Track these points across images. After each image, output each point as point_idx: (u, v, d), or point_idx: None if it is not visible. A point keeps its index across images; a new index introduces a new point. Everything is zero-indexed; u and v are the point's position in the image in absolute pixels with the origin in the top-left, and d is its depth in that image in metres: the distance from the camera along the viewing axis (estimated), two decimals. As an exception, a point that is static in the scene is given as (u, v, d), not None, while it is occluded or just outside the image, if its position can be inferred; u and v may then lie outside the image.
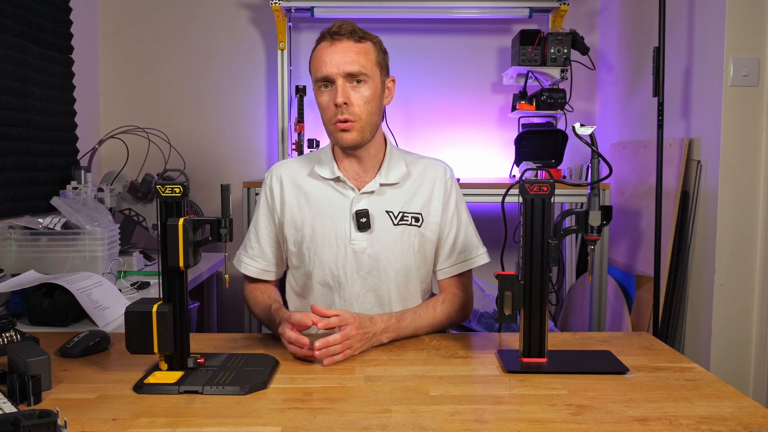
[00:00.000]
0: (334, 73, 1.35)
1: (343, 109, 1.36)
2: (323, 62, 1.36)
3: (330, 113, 1.38)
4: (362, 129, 1.38)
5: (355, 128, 1.38)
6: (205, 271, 2.28)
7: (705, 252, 2.11)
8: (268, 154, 3.00)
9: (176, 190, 1.07)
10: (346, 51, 1.36)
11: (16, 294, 1.62)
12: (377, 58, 1.41)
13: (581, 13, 2.99)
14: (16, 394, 0.98)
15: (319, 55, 1.38)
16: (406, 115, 2.97)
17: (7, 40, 2.14)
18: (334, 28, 1.37)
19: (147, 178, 2.33)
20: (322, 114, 1.41)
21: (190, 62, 2.97)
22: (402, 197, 1.45)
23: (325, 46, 1.37)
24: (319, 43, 1.40)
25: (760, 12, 2.00)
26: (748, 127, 2.02)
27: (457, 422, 0.93)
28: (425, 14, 2.84)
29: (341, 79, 1.35)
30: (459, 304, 1.46)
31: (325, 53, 1.37)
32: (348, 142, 1.39)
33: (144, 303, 1.09)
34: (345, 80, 1.36)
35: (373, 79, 1.39)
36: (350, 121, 1.37)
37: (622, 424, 0.93)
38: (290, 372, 1.14)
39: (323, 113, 1.40)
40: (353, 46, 1.37)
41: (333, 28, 1.37)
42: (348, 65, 1.35)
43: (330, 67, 1.35)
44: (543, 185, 1.15)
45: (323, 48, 1.38)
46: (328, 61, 1.36)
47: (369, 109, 1.38)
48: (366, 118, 1.38)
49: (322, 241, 1.42)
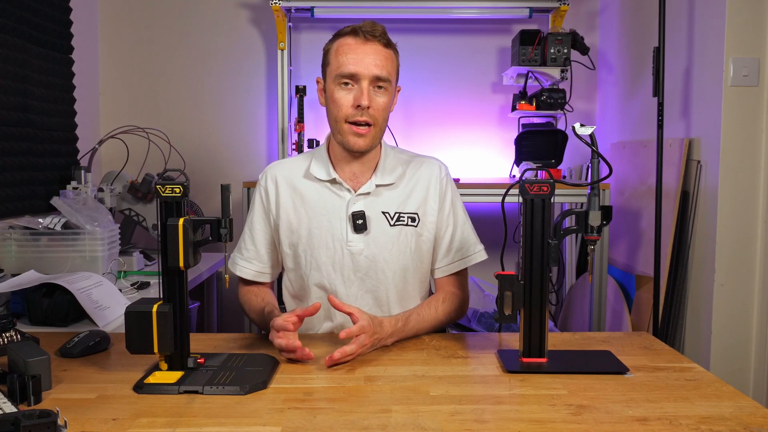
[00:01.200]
0: (364, 73, 1.33)
1: (364, 111, 1.34)
2: (351, 59, 1.33)
3: (346, 111, 1.35)
4: (375, 135, 1.38)
5: (371, 134, 1.37)
6: (205, 271, 2.28)
7: (705, 252, 2.11)
8: (268, 154, 3.00)
9: (176, 190, 1.08)
10: (377, 54, 1.34)
11: (16, 294, 1.62)
12: (397, 67, 1.41)
13: (581, 13, 2.99)
14: (16, 394, 0.98)
15: (346, 50, 1.34)
16: (406, 115, 2.97)
17: (7, 40, 2.14)
18: (366, 27, 1.34)
19: (147, 178, 2.33)
20: (335, 110, 1.37)
21: (190, 62, 2.97)
22: (398, 198, 1.44)
23: (357, 43, 1.34)
24: (344, 37, 1.36)
25: (760, 12, 2.00)
26: (748, 127, 2.02)
27: (457, 422, 0.93)
28: (425, 14, 2.84)
29: (367, 81, 1.34)
30: (458, 303, 1.46)
31: (356, 51, 1.34)
32: (360, 147, 1.37)
33: (144, 303, 1.09)
34: (370, 83, 1.34)
35: (392, 87, 1.39)
36: (369, 124, 1.36)
37: (622, 424, 0.93)
38: (290, 372, 1.14)
39: (337, 110, 1.36)
40: (383, 50, 1.35)
41: (366, 27, 1.34)
42: (378, 69, 1.34)
43: (359, 66, 1.33)
44: (543, 185, 1.15)
45: (353, 45, 1.34)
46: (359, 59, 1.33)
47: (384, 116, 1.39)
48: (381, 125, 1.38)
49: (318, 243, 1.41)
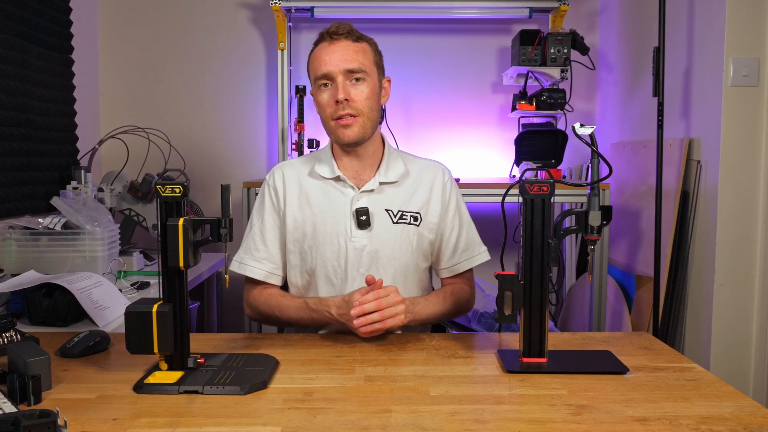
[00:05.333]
0: (334, 70, 1.38)
1: (344, 105, 1.38)
2: (322, 61, 1.39)
3: (330, 110, 1.40)
4: (364, 124, 1.41)
5: (357, 123, 1.40)
6: (205, 271, 2.28)
7: (705, 252, 2.11)
8: (268, 154, 3.00)
9: (176, 190, 1.08)
10: (345, 49, 1.39)
11: (16, 294, 1.62)
12: (374, 58, 1.44)
13: (581, 13, 2.99)
14: (16, 394, 0.98)
15: (318, 54, 1.41)
16: (406, 115, 2.97)
17: (7, 40, 2.14)
18: (332, 29, 1.41)
19: (147, 178, 2.33)
20: (322, 113, 1.43)
21: (190, 62, 2.96)
22: (401, 196, 1.47)
23: (324, 46, 1.40)
24: (318, 45, 1.43)
25: (760, 12, 2.00)
26: (748, 127, 2.02)
27: (457, 422, 0.93)
28: (425, 14, 2.84)
29: (341, 76, 1.38)
30: (465, 297, 1.50)
31: (324, 52, 1.39)
32: (349, 138, 1.40)
33: (144, 303, 1.09)
34: (345, 78, 1.38)
35: (372, 78, 1.42)
36: (353, 116, 1.39)
37: (622, 424, 0.92)
38: (290, 372, 1.14)
39: (323, 111, 1.42)
40: (351, 45, 1.40)
41: (331, 29, 1.41)
42: (347, 62, 1.38)
43: (329, 65, 1.38)
44: (543, 185, 1.15)
45: (322, 48, 1.41)
46: (327, 59, 1.38)
47: (370, 104, 1.41)
48: (368, 114, 1.41)
49: (323, 239, 1.43)
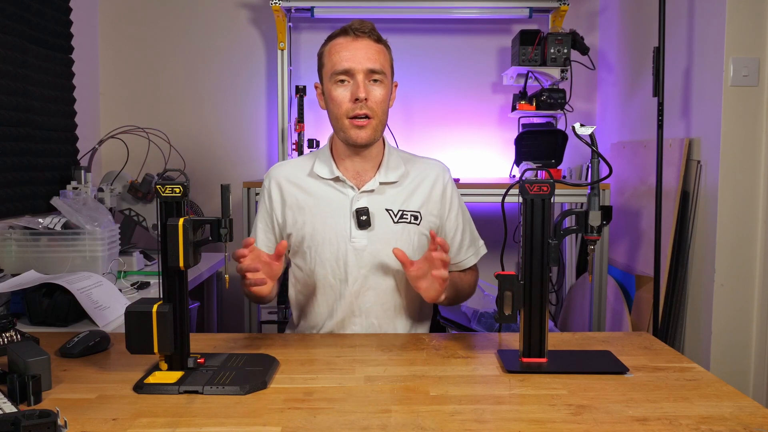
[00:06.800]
0: (357, 68, 1.37)
1: (363, 104, 1.37)
2: (344, 57, 1.38)
3: (346, 107, 1.39)
4: (376, 127, 1.41)
5: (371, 125, 1.40)
6: (205, 271, 2.28)
7: (705, 252, 2.11)
8: (268, 154, 3.00)
9: (176, 190, 1.07)
10: (368, 48, 1.39)
11: (16, 294, 1.62)
12: (390, 61, 1.45)
13: (581, 13, 2.99)
14: (16, 394, 0.98)
15: (337, 49, 1.39)
16: (406, 115, 2.97)
17: (7, 40, 2.14)
18: (356, 25, 1.39)
19: (147, 178, 2.33)
20: (335, 108, 1.41)
21: (190, 62, 2.97)
22: (401, 196, 1.47)
23: (347, 41, 1.39)
24: (336, 38, 1.41)
25: (760, 12, 2.00)
26: (748, 127, 2.02)
27: (457, 422, 0.93)
28: (425, 14, 2.84)
29: (362, 74, 1.38)
30: (474, 278, 1.58)
31: (346, 48, 1.38)
32: (362, 140, 1.40)
33: (144, 303, 1.09)
34: (365, 77, 1.38)
35: (387, 80, 1.42)
36: (368, 117, 1.39)
37: (622, 424, 0.92)
38: (290, 372, 1.14)
39: (337, 107, 1.40)
40: (373, 44, 1.40)
41: (354, 25, 1.39)
42: (371, 62, 1.38)
43: (352, 62, 1.37)
44: (543, 185, 1.15)
45: (344, 43, 1.39)
46: (350, 56, 1.37)
47: (383, 107, 1.42)
48: (381, 117, 1.41)
49: (323, 240, 1.43)
